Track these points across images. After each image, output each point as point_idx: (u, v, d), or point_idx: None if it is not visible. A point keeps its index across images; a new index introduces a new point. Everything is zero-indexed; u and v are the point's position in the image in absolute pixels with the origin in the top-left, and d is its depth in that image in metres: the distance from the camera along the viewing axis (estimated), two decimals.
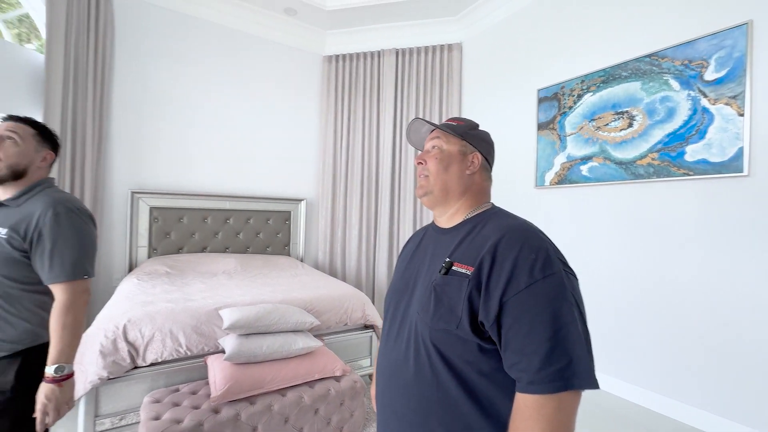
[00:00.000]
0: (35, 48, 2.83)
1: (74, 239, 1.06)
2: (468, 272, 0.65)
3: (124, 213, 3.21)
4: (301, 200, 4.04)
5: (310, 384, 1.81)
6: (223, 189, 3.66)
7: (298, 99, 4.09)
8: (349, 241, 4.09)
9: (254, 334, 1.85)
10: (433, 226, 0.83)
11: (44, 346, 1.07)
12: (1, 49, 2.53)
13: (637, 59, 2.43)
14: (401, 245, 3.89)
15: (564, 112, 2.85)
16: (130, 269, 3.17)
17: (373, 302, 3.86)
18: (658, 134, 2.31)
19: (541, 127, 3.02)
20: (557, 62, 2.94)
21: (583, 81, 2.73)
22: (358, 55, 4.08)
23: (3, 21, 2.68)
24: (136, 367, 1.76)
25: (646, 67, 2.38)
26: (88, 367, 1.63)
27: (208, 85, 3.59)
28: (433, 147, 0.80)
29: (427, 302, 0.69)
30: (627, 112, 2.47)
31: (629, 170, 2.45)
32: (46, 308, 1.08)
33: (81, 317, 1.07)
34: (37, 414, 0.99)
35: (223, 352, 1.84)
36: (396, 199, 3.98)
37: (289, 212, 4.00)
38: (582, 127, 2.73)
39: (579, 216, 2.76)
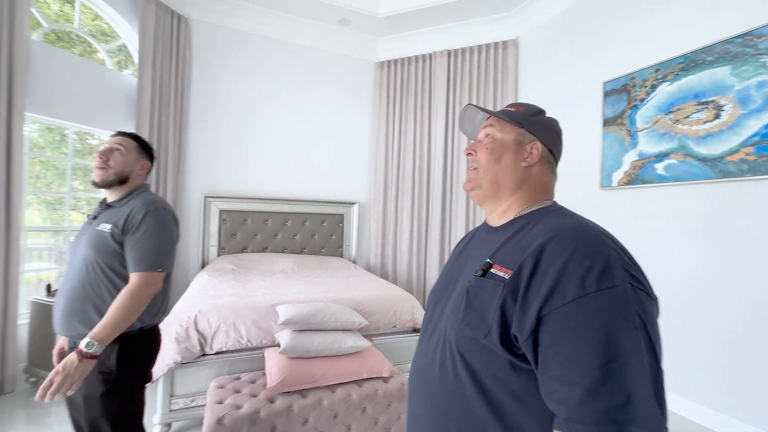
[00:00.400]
0: (130, 73, 3.28)
1: (157, 236, 1.17)
2: (506, 276, 0.56)
3: (199, 215, 3.57)
4: (353, 203, 4.16)
5: (358, 383, 1.84)
6: (282, 193, 3.90)
7: (351, 105, 4.23)
8: (400, 244, 4.11)
9: (307, 330, 1.94)
10: (483, 225, 0.76)
11: (139, 333, 1.19)
12: (105, 75, 2.98)
13: (725, 41, 2.13)
14: (452, 248, 3.81)
15: (635, 106, 2.59)
16: (203, 266, 3.50)
17: (423, 305, 3.83)
18: (754, 125, 2.00)
19: (607, 122, 2.78)
20: (626, 51, 2.68)
21: (657, 70, 2.46)
22: (409, 59, 4.11)
23: (106, 51, 3.14)
24: (204, 355, 1.95)
25: (737, 50, 2.08)
26: (165, 352, 1.83)
27: (269, 96, 3.86)
28: (486, 136, 0.72)
29: (458, 305, 0.62)
30: (713, 101, 2.18)
31: (716, 167, 2.15)
32: None
33: (140, 306, 1.12)
34: (45, 380, 0.99)
35: (278, 345, 1.95)
36: (447, 201, 3.92)
37: (343, 215, 4.14)
38: (657, 121, 2.46)
39: (654, 220, 2.48)
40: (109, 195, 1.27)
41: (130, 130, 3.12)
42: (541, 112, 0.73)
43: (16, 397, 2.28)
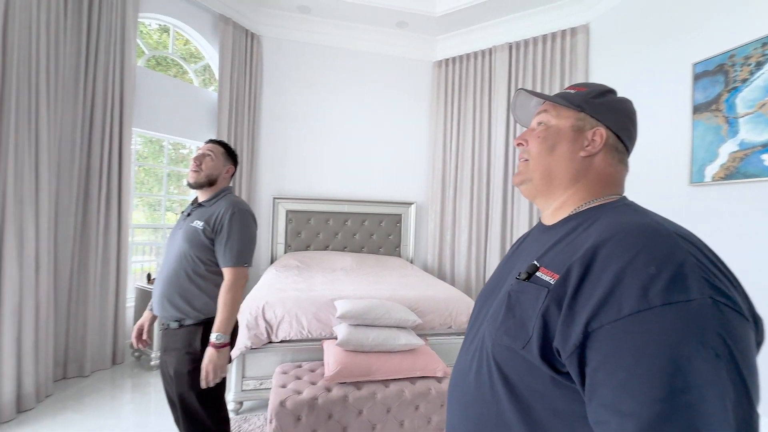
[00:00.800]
0: (213, 89, 3.70)
1: (241, 235, 1.32)
2: (551, 281, 0.49)
3: (268, 215, 3.89)
4: (411, 203, 4.18)
5: (411, 380, 1.86)
6: (342, 194, 4.08)
7: (408, 106, 4.26)
8: (458, 245, 4.03)
9: (362, 325, 2.01)
10: (538, 224, 0.69)
11: (210, 322, 1.31)
12: (193, 92, 3.40)
13: None
14: None
15: (734, 88, 2.24)
16: (272, 261, 3.80)
17: None
18: None
19: (698, 109, 2.43)
20: (722, 25, 2.33)
21: (765, 44, 2.10)
22: (468, 56, 4.02)
23: (194, 71, 3.59)
24: (270, 342, 2.12)
25: None
26: (238, 337, 2.03)
27: (331, 102, 4.07)
28: (539, 124, 0.65)
29: (499, 310, 0.56)
30: None
31: None
32: (220, 287, 1.34)
33: (238, 297, 1.30)
34: (201, 372, 1.23)
35: (336, 338, 2.05)
36: (509, 201, 3.75)
37: (400, 215, 4.19)
38: (764, 104, 2.09)
39: (759, 222, 2.11)
40: (200, 195, 1.44)
41: (213, 136, 3.52)
42: (608, 92, 0.63)
43: (125, 366, 2.71)
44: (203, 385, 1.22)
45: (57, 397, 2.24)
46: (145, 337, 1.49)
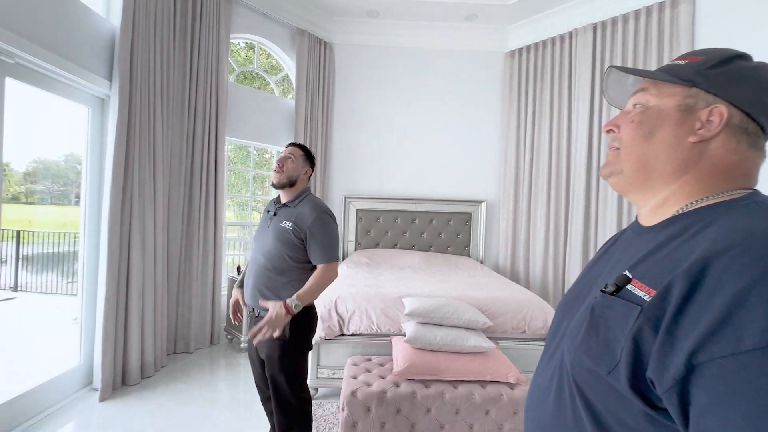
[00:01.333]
0: (290, 97, 4.01)
1: (329, 234, 1.45)
2: (646, 297, 0.41)
3: (340, 214, 4.08)
4: (481, 202, 4.04)
5: (481, 383, 1.80)
6: (410, 193, 4.10)
7: (478, 101, 4.12)
8: (534, 245, 3.78)
9: (430, 323, 2.01)
10: (634, 223, 0.58)
11: (304, 310, 1.39)
12: (274, 101, 3.72)
13: None
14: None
15: None
16: (343, 258, 3.99)
17: None
18: None
19: None
20: None
21: None
22: (544, 42, 3.75)
23: (275, 82, 3.93)
24: (342, 334, 2.23)
25: None
26: (318, 328, 2.18)
27: (400, 101, 4.12)
28: (635, 105, 0.54)
29: (579, 324, 0.49)
30: None
31: None
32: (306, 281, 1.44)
33: (326, 285, 1.44)
34: (262, 322, 1.26)
35: (404, 335, 2.08)
36: (592, 197, 3.40)
37: (469, 214, 4.07)
38: None
39: None
40: (283, 195, 1.55)
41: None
42: (736, 57, 0.48)
43: (220, 347, 3.08)
44: (249, 335, 1.30)
45: (169, 368, 2.64)
46: (239, 314, 1.69)
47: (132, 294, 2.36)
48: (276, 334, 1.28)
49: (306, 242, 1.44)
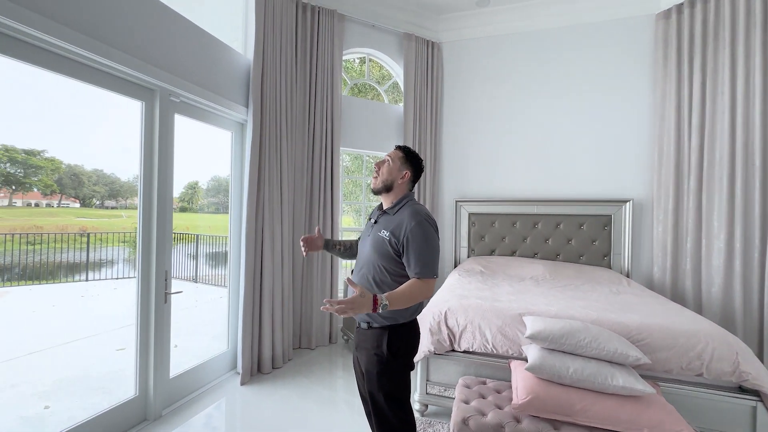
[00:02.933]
0: (400, 103, 4.04)
1: (427, 247, 1.27)
2: None
3: (451, 218, 3.90)
4: (625, 201, 3.30)
5: None
6: (531, 194, 3.64)
7: (618, 79, 3.40)
8: (708, 257, 2.89)
9: (560, 351, 1.66)
10: None
11: (401, 326, 1.32)
12: (385, 110, 3.79)
13: None
14: None
15: None
16: (455, 265, 3.79)
17: (760, 356, 2.53)
18: None
19: None
20: None
21: None
22: None
23: (384, 90, 4.01)
24: (453, 350, 2.05)
25: None
26: (423, 340, 2.07)
27: (516, 94, 3.71)
28: None
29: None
30: None
31: None
32: None
33: (418, 299, 1.26)
34: (344, 300, 1.11)
35: (526, 360, 1.79)
36: None
37: (609, 216, 3.37)
38: None
39: None
40: (384, 202, 1.45)
41: None
42: None
43: (337, 346, 3.26)
44: (324, 305, 1.12)
45: (295, 362, 2.89)
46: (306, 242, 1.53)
47: (264, 292, 2.67)
48: (331, 309, 1.10)
49: (403, 254, 1.30)
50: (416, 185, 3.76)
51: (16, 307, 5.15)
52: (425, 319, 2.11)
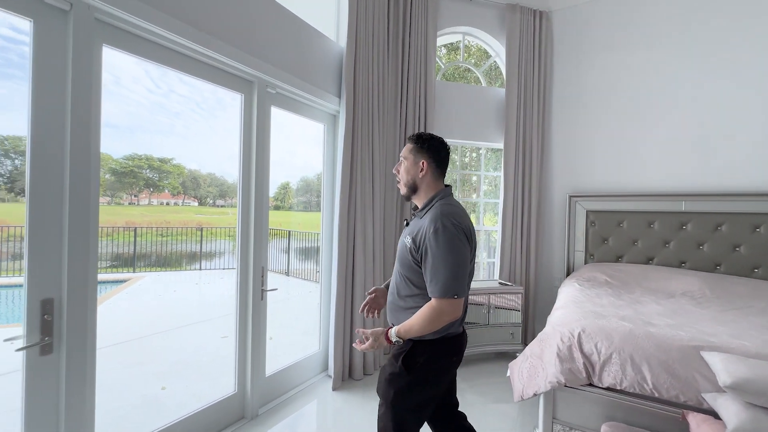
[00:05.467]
0: (497, 85, 3.57)
1: (448, 259, 1.06)
2: None
3: (562, 216, 3.31)
4: None
5: None
6: (677, 186, 2.87)
7: None
8: None
9: None
10: None
11: (431, 343, 1.15)
12: (481, 93, 3.38)
13: None
14: None
15: None
16: (568, 272, 3.20)
17: None
18: None
19: None
20: None
21: None
22: None
23: (482, 72, 3.59)
24: (591, 384, 1.60)
25: None
26: (547, 367, 1.66)
27: (657, 63, 2.97)
28: None
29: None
30: None
31: None
32: None
33: (435, 325, 1.09)
34: (363, 338, 1.19)
35: (712, 415, 1.27)
36: None
37: None
38: None
39: None
40: (418, 205, 1.25)
41: (500, 138, 3.38)
42: None
43: None
44: (356, 345, 1.21)
45: None
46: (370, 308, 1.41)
47: (356, 292, 2.51)
48: (363, 349, 1.19)
49: (421, 264, 1.13)
50: (517, 177, 3.24)
51: (149, 290, 6.00)
52: (551, 341, 1.70)
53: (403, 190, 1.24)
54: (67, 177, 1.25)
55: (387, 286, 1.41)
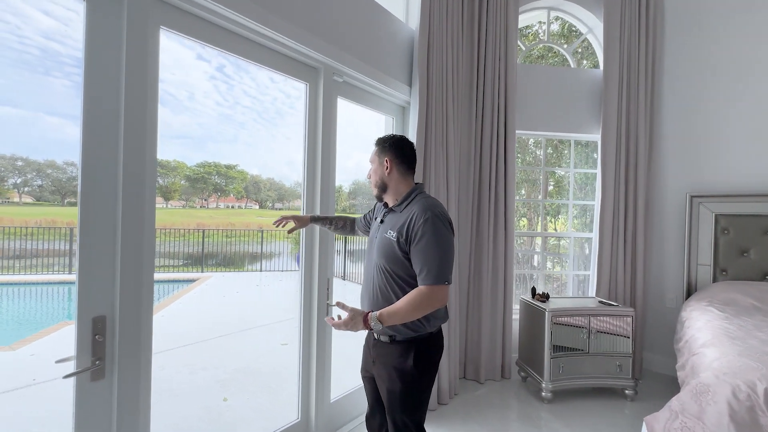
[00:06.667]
0: (587, 65, 3.04)
1: (438, 247, 1.10)
2: None
3: (679, 221, 2.69)
4: None
5: None
6: None
7: None
8: None
9: None
10: None
11: (429, 337, 1.20)
12: (571, 76, 2.87)
13: None
14: None
15: None
16: (688, 292, 2.57)
17: None
18: None
19: None
20: None
21: None
22: None
23: (571, 53, 3.07)
24: None
25: None
26: (711, 427, 1.19)
27: None
28: None
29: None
30: None
31: None
32: None
33: (424, 312, 1.11)
34: (339, 318, 1.12)
35: None
36: None
37: None
38: None
39: None
40: (389, 202, 1.28)
41: (595, 128, 2.85)
42: None
43: (511, 384, 2.54)
44: (327, 319, 1.16)
45: (462, 399, 2.33)
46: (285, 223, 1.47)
47: None
48: (337, 327, 1.12)
49: (410, 254, 1.15)
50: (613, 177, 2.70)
51: (215, 290, 6.22)
52: (716, 395, 1.22)
53: (375, 191, 1.29)
54: (120, 180, 1.09)
55: (313, 218, 1.51)
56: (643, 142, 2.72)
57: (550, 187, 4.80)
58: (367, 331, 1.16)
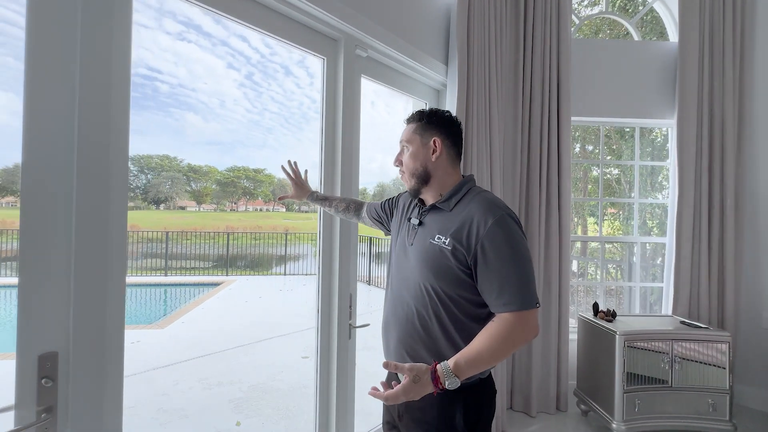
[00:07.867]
0: (653, 38, 2.58)
1: (521, 258, 0.80)
2: None
3: None
4: None
5: None
6: None
7: None
8: None
9: None
10: None
11: (480, 384, 0.88)
12: (642, 50, 2.42)
13: None
14: None
15: None
16: None
17: None
18: None
19: None
20: None
21: None
22: None
23: (634, 25, 2.61)
24: None
25: None
26: None
27: None
28: None
29: None
30: None
31: None
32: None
33: (512, 350, 0.81)
34: (393, 391, 0.76)
35: None
36: None
37: None
38: None
39: None
40: (427, 199, 0.97)
41: (669, 112, 2.39)
42: None
43: (568, 418, 2.13)
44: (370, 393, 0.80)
45: None
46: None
47: None
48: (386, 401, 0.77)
49: (475, 270, 0.82)
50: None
51: (238, 295, 6.09)
52: None
53: (411, 182, 0.96)
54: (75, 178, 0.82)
55: (313, 193, 1.32)
56: (731, 128, 2.24)
57: (589, 186, 4.29)
58: (394, 371, 0.80)
